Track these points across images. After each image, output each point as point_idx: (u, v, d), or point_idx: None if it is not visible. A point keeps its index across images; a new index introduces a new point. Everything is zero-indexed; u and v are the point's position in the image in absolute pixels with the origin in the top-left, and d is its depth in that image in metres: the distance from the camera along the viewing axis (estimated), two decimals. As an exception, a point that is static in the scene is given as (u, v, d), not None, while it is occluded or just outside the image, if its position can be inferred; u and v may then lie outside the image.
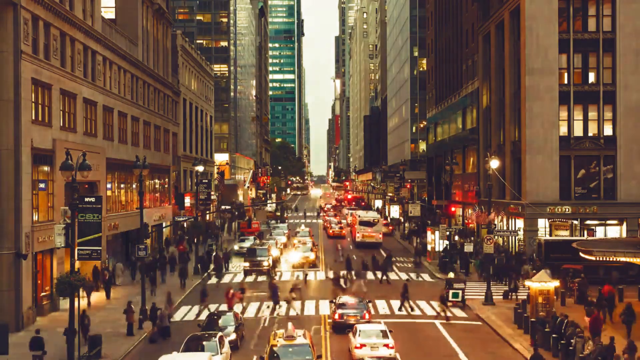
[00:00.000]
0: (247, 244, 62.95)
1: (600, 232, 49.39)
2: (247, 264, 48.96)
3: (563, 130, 50.01)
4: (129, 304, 32.56)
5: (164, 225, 59.72)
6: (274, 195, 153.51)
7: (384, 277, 46.39)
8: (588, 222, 49.64)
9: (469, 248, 50.69)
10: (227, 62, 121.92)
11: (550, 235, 49.10)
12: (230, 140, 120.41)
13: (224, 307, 38.25)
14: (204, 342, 26.38)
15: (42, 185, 35.33)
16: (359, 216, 71.39)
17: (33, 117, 34.12)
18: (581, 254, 32.44)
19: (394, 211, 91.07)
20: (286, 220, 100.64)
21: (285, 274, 50.92)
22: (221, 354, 25.73)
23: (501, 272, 44.28)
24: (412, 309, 36.93)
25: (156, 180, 60.33)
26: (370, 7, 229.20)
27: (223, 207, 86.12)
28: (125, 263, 48.47)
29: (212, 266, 53.71)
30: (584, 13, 50.48)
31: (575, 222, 49.41)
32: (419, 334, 32.05)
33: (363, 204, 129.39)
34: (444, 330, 32.70)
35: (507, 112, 54.48)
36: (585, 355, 25.38)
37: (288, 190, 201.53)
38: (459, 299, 37.31)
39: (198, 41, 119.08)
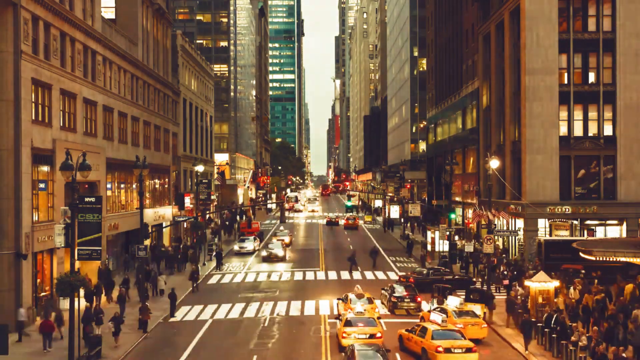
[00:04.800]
0: (247, 244, 63.06)
1: (600, 232, 49.37)
2: None
3: (563, 130, 49.99)
4: (143, 302, 33.56)
5: (164, 225, 59.72)
6: (274, 195, 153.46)
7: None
8: (588, 222, 49.61)
9: (469, 248, 50.75)
10: (227, 62, 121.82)
11: (550, 235, 49.08)
12: (230, 140, 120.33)
13: (224, 307, 38.32)
14: None
15: (42, 185, 35.31)
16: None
17: (33, 117, 34.11)
18: (581, 254, 32.41)
19: (394, 211, 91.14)
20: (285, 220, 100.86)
21: (285, 274, 50.89)
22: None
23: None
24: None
25: (156, 180, 60.31)
26: (370, 7, 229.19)
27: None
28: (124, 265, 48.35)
29: (213, 264, 53.86)
30: (584, 13, 50.45)
31: (575, 222, 49.38)
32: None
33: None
34: (444, 330, 32.63)
35: (507, 112, 54.47)
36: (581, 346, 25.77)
37: (288, 190, 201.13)
38: None
39: (198, 41, 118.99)
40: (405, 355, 28.40)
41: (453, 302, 32.64)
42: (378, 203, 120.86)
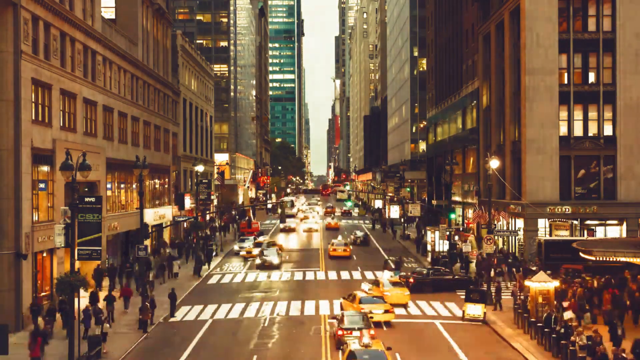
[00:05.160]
0: (247, 244, 63.02)
1: (600, 232, 49.38)
2: None
3: (563, 130, 50.01)
4: (143, 302, 33.34)
5: (164, 225, 59.72)
6: (274, 195, 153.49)
7: None
8: (588, 222, 49.62)
9: (467, 248, 50.74)
10: (227, 62, 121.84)
11: (550, 235, 49.09)
12: (230, 140, 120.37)
13: (224, 307, 38.31)
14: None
15: (42, 185, 35.31)
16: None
17: (33, 117, 34.11)
18: (581, 254, 32.43)
19: (394, 211, 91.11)
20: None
21: (285, 274, 50.89)
22: None
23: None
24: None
25: (156, 180, 60.32)
26: (370, 7, 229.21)
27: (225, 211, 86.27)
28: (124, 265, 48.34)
29: (214, 264, 53.86)
30: (584, 13, 50.47)
31: (575, 222, 49.39)
32: (418, 334, 32.05)
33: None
34: (444, 330, 32.71)
35: (507, 112, 54.48)
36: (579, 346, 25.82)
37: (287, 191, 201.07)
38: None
39: (198, 41, 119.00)
40: None
41: (386, 275, 42.26)
42: (378, 203, 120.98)
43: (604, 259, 31.20)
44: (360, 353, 24.29)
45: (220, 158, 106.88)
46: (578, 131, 50.03)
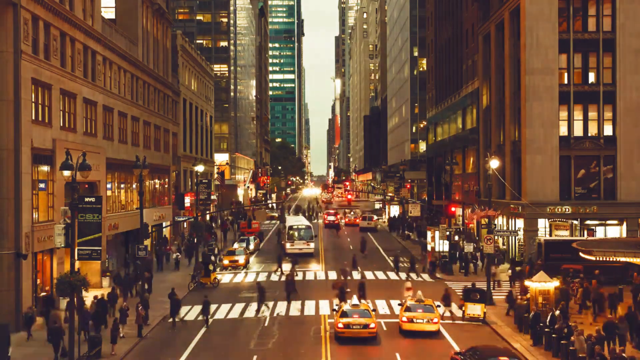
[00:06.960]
0: (246, 244, 62.95)
1: (600, 232, 49.37)
2: None
3: (563, 130, 50.00)
4: (137, 306, 33.05)
5: (164, 225, 59.70)
6: (274, 195, 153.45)
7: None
8: (588, 222, 49.62)
9: (468, 248, 50.74)
10: (227, 62, 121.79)
11: (550, 235, 49.09)
12: (230, 140, 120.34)
13: (224, 307, 38.29)
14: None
15: (42, 185, 35.31)
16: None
17: (33, 117, 34.12)
18: (581, 254, 32.41)
19: (394, 211, 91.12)
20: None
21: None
22: None
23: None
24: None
25: (156, 180, 60.30)
26: (370, 7, 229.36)
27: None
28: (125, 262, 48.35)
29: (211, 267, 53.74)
30: (584, 13, 50.47)
31: (575, 222, 49.39)
32: (418, 334, 32.01)
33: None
34: (444, 330, 32.70)
35: (507, 112, 54.48)
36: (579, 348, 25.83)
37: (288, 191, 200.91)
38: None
39: (198, 41, 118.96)
40: None
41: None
42: (377, 204, 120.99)
43: (604, 259, 31.18)
44: (351, 311, 31.16)
45: (220, 158, 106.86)
46: (578, 131, 50.02)
